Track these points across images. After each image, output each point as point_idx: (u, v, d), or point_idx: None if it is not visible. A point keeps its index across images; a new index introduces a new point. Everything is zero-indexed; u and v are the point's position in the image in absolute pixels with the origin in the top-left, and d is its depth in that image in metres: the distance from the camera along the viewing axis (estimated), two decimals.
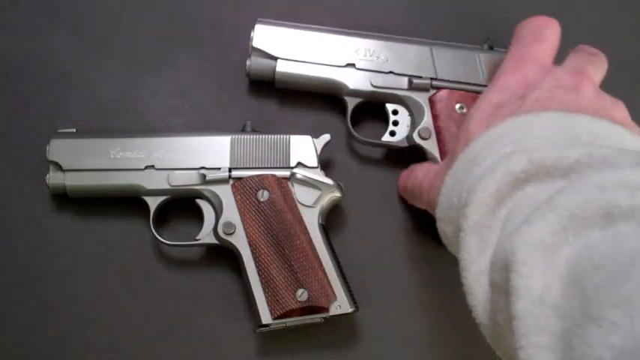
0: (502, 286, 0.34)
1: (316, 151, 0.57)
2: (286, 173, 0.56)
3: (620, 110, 0.44)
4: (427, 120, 0.57)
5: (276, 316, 0.53)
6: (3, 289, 0.57)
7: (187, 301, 0.58)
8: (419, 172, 0.53)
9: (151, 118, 0.62)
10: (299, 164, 0.57)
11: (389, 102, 0.59)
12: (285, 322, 0.53)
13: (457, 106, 0.57)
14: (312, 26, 0.60)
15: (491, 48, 0.60)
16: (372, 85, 0.58)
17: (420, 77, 0.58)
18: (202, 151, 0.57)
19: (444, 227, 0.44)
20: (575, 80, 0.44)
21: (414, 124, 0.58)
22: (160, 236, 0.56)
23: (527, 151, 0.37)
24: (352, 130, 0.59)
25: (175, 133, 0.58)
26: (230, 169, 0.56)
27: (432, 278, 0.59)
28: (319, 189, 0.56)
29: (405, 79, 0.58)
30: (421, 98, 0.58)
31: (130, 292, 0.58)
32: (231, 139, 0.57)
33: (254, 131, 0.58)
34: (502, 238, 0.35)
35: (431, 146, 0.57)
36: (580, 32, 0.54)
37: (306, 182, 0.56)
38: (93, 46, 0.63)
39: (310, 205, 0.56)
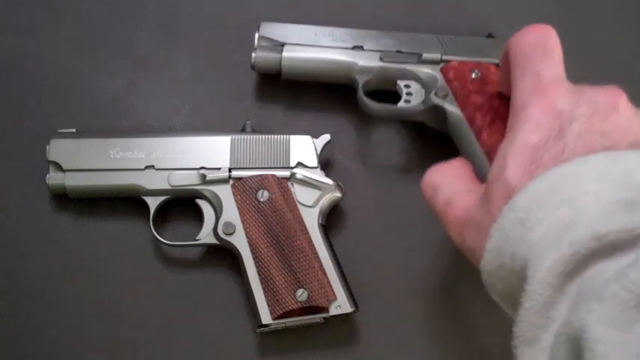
0: None
1: (316, 151, 0.57)
2: (286, 173, 0.56)
3: None
4: (442, 84, 0.57)
5: (276, 316, 0.53)
6: (3, 289, 0.57)
7: (187, 301, 0.57)
8: (445, 188, 0.46)
9: (151, 118, 0.62)
10: (299, 164, 0.57)
11: (399, 78, 0.59)
12: (285, 322, 0.53)
13: (472, 73, 0.56)
14: (318, 26, 0.60)
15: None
16: (382, 60, 0.59)
17: (429, 52, 0.59)
18: (202, 151, 0.57)
19: (493, 281, 0.41)
20: (610, 96, 0.41)
21: (428, 93, 0.58)
22: (160, 236, 0.56)
23: (588, 223, 0.36)
24: (364, 98, 0.58)
25: (175, 133, 0.58)
26: (230, 169, 0.56)
27: (432, 278, 0.59)
28: (319, 189, 0.56)
29: (414, 56, 0.59)
30: (433, 69, 0.58)
31: (130, 291, 0.58)
32: (231, 139, 0.57)
33: (254, 131, 0.58)
34: (570, 314, 0.34)
35: (450, 105, 0.56)
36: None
37: (306, 182, 0.56)
38: (93, 46, 0.63)
39: (310, 205, 0.56)
